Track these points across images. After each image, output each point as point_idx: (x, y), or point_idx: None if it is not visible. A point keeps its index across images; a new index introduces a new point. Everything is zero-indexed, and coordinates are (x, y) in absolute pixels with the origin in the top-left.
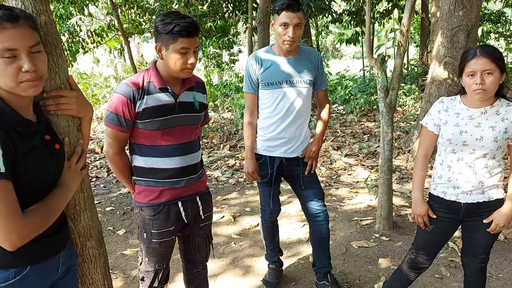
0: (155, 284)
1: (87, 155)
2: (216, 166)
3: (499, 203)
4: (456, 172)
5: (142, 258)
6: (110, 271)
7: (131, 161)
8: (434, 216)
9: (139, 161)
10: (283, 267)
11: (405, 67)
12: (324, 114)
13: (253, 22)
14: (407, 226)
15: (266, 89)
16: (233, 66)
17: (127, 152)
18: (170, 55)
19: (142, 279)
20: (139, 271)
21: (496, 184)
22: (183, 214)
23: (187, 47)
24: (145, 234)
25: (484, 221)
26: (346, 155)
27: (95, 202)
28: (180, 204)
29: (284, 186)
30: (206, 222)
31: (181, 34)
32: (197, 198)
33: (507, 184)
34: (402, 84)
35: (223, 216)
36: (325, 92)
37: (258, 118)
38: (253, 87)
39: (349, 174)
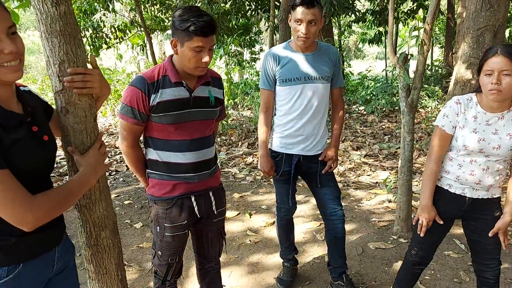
0: (168, 278)
1: (108, 149)
2: (234, 163)
3: (498, 201)
4: (467, 172)
5: (156, 252)
6: (126, 263)
7: (145, 154)
8: (441, 222)
9: (153, 155)
10: (298, 266)
11: (429, 68)
12: (340, 114)
13: (275, 20)
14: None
15: (284, 85)
16: (254, 65)
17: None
18: (185, 52)
19: (155, 273)
20: (152, 264)
21: (499, 184)
22: (196, 208)
23: (202, 46)
24: (158, 227)
25: (490, 234)
26: (365, 156)
27: (114, 195)
28: (193, 198)
29: (301, 185)
30: (219, 218)
31: (197, 33)
32: (210, 193)
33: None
34: (426, 86)
35: (239, 213)
36: (340, 90)
37: (275, 115)
38: (270, 84)
39: (368, 175)
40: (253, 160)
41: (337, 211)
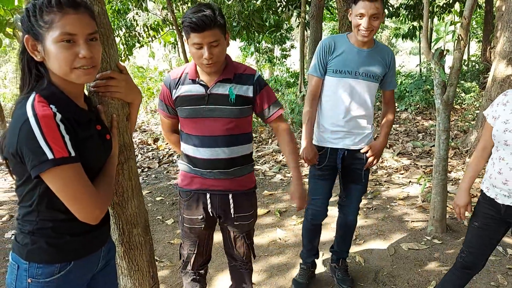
0: (189, 268)
1: (141, 146)
2: (264, 160)
3: None
4: (496, 170)
5: (182, 238)
6: (158, 259)
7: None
8: (468, 214)
9: (182, 146)
10: (316, 270)
11: (466, 63)
12: (390, 116)
13: (306, 16)
14: (462, 229)
15: (333, 76)
16: (284, 61)
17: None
18: (190, 49)
19: (180, 257)
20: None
21: None
22: (209, 206)
23: (199, 42)
24: (180, 216)
25: None
26: (398, 154)
27: (146, 191)
28: (208, 196)
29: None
30: (241, 222)
31: (193, 29)
32: (230, 196)
33: None
34: (462, 82)
35: (269, 211)
36: (392, 93)
37: (320, 106)
38: (320, 71)
39: (401, 174)
40: (283, 158)
41: (355, 204)
